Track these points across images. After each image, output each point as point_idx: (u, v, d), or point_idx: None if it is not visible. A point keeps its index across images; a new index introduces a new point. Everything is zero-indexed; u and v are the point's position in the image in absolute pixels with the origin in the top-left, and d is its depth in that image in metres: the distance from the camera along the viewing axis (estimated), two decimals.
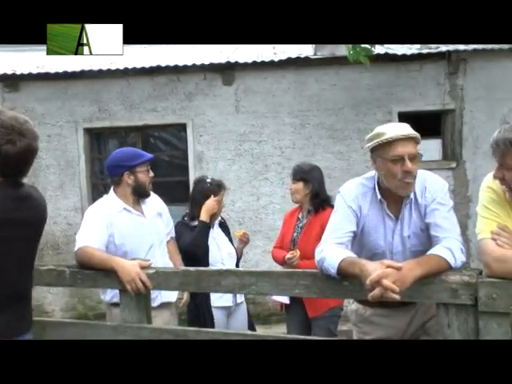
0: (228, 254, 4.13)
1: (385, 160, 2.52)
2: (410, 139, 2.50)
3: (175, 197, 7.87)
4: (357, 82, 7.49)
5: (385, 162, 2.52)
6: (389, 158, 2.49)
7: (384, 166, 2.54)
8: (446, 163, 7.59)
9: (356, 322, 2.96)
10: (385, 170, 2.54)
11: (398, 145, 2.47)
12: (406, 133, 2.49)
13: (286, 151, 7.61)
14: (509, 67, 7.38)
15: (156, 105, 7.70)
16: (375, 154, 2.58)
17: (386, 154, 2.51)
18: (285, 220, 4.46)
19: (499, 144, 2.10)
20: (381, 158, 2.54)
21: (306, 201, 4.23)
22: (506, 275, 2.11)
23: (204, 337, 2.64)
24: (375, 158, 2.59)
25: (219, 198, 4.10)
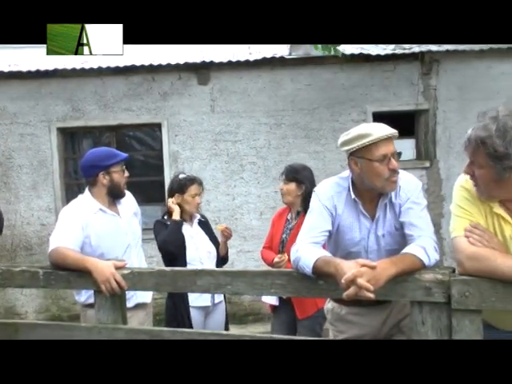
0: (207, 252, 4.08)
1: (370, 161, 2.51)
2: (390, 138, 2.53)
3: (150, 197, 7.85)
4: (331, 82, 7.53)
5: (370, 163, 2.51)
6: (375, 158, 2.49)
7: (369, 167, 2.53)
8: (419, 163, 7.67)
9: (332, 320, 2.97)
10: (371, 170, 2.53)
11: (382, 144, 2.49)
12: (389, 132, 2.51)
13: (261, 151, 7.62)
14: (480, 68, 7.49)
15: (131, 104, 7.66)
16: (357, 157, 2.56)
17: (371, 155, 2.50)
18: (273, 221, 4.41)
19: (471, 141, 2.14)
20: (365, 160, 2.53)
21: (296, 202, 4.17)
22: (478, 273, 2.13)
23: (179, 337, 2.63)
24: (356, 161, 2.57)
25: (191, 193, 4.06)
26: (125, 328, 2.77)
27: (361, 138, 2.50)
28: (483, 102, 7.20)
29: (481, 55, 7.40)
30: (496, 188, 2.16)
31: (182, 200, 4.07)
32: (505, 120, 2.07)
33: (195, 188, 4.09)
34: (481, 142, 2.09)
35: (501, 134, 2.05)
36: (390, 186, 2.56)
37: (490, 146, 2.06)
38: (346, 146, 2.57)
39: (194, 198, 4.09)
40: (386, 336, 2.82)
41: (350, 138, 2.54)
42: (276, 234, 4.28)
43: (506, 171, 2.07)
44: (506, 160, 2.05)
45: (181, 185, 4.08)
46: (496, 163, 2.07)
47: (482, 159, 2.11)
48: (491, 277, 2.11)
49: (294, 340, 2.65)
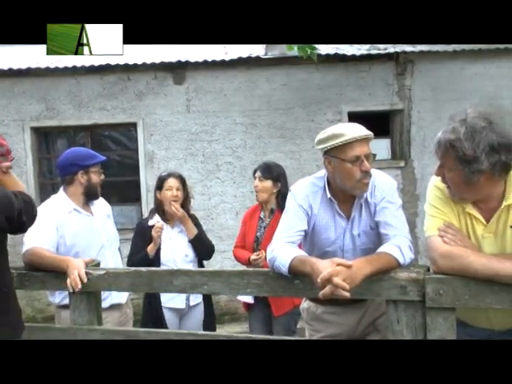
0: (184, 255, 4.01)
1: (342, 161, 2.52)
2: (365, 139, 2.53)
3: (126, 197, 7.81)
4: (307, 81, 7.56)
5: (342, 163, 2.52)
6: (347, 159, 2.50)
7: (342, 167, 2.54)
8: (394, 162, 7.73)
9: (308, 319, 2.98)
10: (342, 170, 2.54)
11: (356, 145, 2.49)
12: (364, 133, 2.51)
13: (237, 150, 7.62)
14: (453, 69, 7.58)
15: (106, 104, 7.60)
16: (330, 156, 2.57)
17: (344, 155, 2.51)
18: (245, 219, 4.39)
19: (441, 144, 2.16)
20: (338, 160, 2.53)
21: (271, 199, 4.19)
22: (452, 271, 2.16)
23: (155, 337, 2.62)
24: (330, 160, 2.58)
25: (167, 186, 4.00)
26: (100, 329, 2.76)
27: (335, 138, 2.51)
28: (457, 102, 7.30)
29: (454, 56, 7.49)
30: (466, 190, 2.18)
31: (160, 197, 4.03)
32: (473, 122, 2.09)
33: (171, 181, 4.01)
34: (450, 145, 2.10)
35: (469, 137, 2.06)
36: (360, 187, 2.57)
37: (458, 149, 2.08)
38: (321, 145, 2.58)
39: (169, 191, 4.00)
40: (361, 335, 2.84)
41: (325, 137, 2.55)
42: (249, 233, 4.27)
43: (475, 174, 2.09)
44: (474, 163, 2.06)
45: (159, 181, 4.06)
46: (464, 166, 2.09)
47: (451, 162, 2.14)
48: (464, 275, 2.14)
49: (270, 340, 2.65)
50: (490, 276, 2.09)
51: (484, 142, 2.05)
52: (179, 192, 4.01)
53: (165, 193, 4.00)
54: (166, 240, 3.95)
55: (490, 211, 2.23)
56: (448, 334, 2.18)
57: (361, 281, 2.20)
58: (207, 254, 4.15)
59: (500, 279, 2.08)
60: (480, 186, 2.14)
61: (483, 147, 2.05)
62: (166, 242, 3.96)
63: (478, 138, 2.05)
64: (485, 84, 7.57)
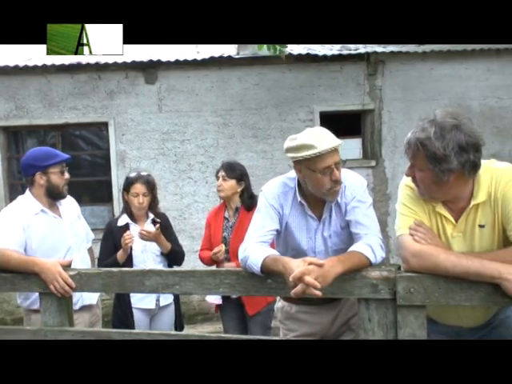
0: (155, 256, 4.00)
1: (313, 171, 2.52)
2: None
3: (97, 197, 7.75)
4: (279, 81, 7.58)
5: (313, 174, 2.52)
6: (318, 170, 2.49)
7: (312, 177, 2.54)
8: (365, 162, 7.80)
9: (282, 319, 2.98)
10: (312, 180, 2.54)
11: (327, 156, 2.48)
12: (335, 144, 2.50)
13: (209, 150, 7.61)
14: (423, 70, 7.68)
15: (76, 103, 7.52)
16: (300, 165, 2.56)
17: (314, 166, 2.50)
18: (209, 221, 4.35)
19: (411, 144, 2.17)
20: (308, 170, 2.53)
21: (234, 199, 4.19)
22: (423, 269, 2.19)
23: (128, 338, 2.61)
24: (300, 168, 2.57)
25: (133, 192, 3.95)
26: (71, 330, 2.73)
27: (305, 149, 2.48)
28: (426, 102, 7.41)
29: (423, 57, 7.59)
30: (436, 190, 2.21)
31: (127, 199, 4.01)
32: (443, 122, 2.12)
33: (138, 187, 3.95)
34: (420, 144, 2.12)
35: (439, 136, 2.09)
36: (331, 195, 2.59)
37: (428, 147, 2.10)
38: (291, 154, 2.56)
39: (135, 197, 3.95)
40: (335, 334, 2.86)
41: (295, 147, 2.52)
42: (215, 234, 4.23)
43: (445, 174, 2.12)
44: (444, 163, 2.09)
45: (127, 182, 4.01)
46: (435, 166, 2.11)
47: (421, 162, 2.16)
48: (435, 273, 2.17)
49: (243, 340, 2.65)
50: (459, 274, 2.12)
51: (453, 141, 2.08)
52: (145, 198, 3.97)
53: (131, 198, 3.97)
54: (136, 240, 3.92)
55: (459, 211, 2.27)
56: (419, 331, 2.21)
57: (332, 280, 2.22)
58: (180, 262, 4.18)
59: (469, 277, 2.11)
60: (450, 185, 2.17)
61: (452, 146, 2.07)
62: (137, 242, 3.93)
63: (448, 138, 2.08)
64: (453, 85, 7.69)
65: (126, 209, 4.05)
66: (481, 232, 2.24)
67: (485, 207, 2.22)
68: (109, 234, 4.00)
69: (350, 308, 2.85)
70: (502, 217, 2.19)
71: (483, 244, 2.25)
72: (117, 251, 3.85)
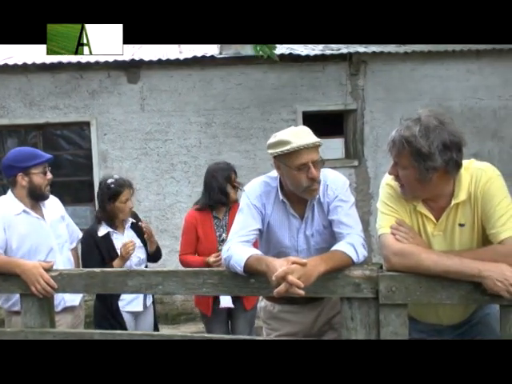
0: (138, 259, 3.98)
1: (289, 168, 2.52)
2: (314, 146, 2.52)
3: (79, 197, 7.70)
4: (262, 81, 7.59)
5: (289, 170, 2.53)
6: (293, 166, 2.50)
7: (289, 174, 2.55)
8: (348, 161, 7.84)
9: (265, 318, 2.98)
10: (289, 177, 2.55)
11: (304, 153, 2.48)
12: (311, 141, 2.50)
13: (192, 150, 7.59)
14: (404, 70, 7.74)
15: (58, 102, 7.46)
16: (279, 161, 2.57)
17: (290, 163, 2.51)
18: (193, 224, 4.20)
19: (396, 142, 2.19)
20: (285, 166, 2.54)
21: None
22: (404, 268, 2.21)
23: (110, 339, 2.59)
24: (278, 164, 2.58)
25: (123, 199, 3.90)
26: (53, 332, 2.71)
27: (282, 145, 2.50)
28: (408, 102, 7.46)
29: (405, 57, 7.65)
30: (419, 188, 2.23)
31: (113, 208, 3.91)
32: (427, 121, 2.15)
33: (126, 193, 3.93)
34: (405, 141, 2.14)
35: (424, 134, 2.11)
36: (308, 194, 2.59)
37: (413, 145, 2.12)
38: (269, 150, 2.59)
39: (125, 203, 3.93)
40: (318, 333, 2.87)
41: (274, 143, 2.55)
42: (207, 235, 4.16)
43: (429, 172, 2.14)
44: (429, 161, 2.12)
45: (111, 193, 3.90)
46: (419, 163, 2.14)
47: (406, 160, 2.18)
48: (416, 271, 2.19)
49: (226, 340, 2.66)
50: (440, 272, 2.15)
51: (437, 139, 2.11)
52: (131, 202, 4.00)
53: (120, 206, 3.90)
54: (120, 247, 3.89)
55: (440, 210, 2.29)
56: (400, 329, 2.23)
57: (315, 279, 2.23)
58: (159, 259, 4.21)
59: (450, 275, 2.14)
60: (433, 184, 2.19)
61: (437, 145, 2.10)
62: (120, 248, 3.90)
63: (432, 136, 2.11)
64: (434, 85, 7.76)
65: (107, 218, 3.96)
66: (461, 231, 2.27)
67: (465, 206, 2.25)
68: (93, 247, 3.88)
69: (332, 307, 2.86)
70: (482, 216, 2.23)
71: (463, 243, 2.28)
72: (104, 263, 3.81)
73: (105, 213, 3.95)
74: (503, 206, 2.17)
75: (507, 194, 2.21)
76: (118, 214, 3.94)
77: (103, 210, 3.96)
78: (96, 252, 3.86)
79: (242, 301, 4.13)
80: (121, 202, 3.91)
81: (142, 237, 4.05)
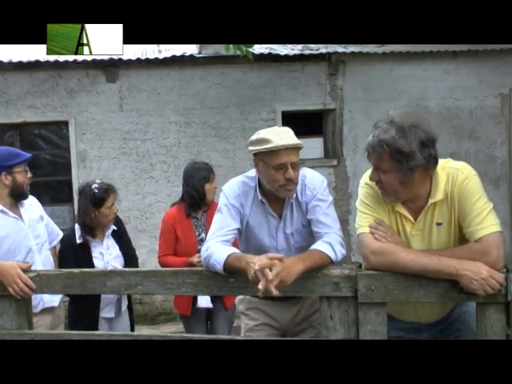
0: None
1: (268, 166, 2.55)
2: (293, 147, 2.54)
3: (57, 197, 7.64)
4: (241, 81, 7.59)
5: (268, 168, 2.55)
6: (272, 165, 2.52)
7: (266, 172, 2.57)
8: (327, 161, 7.87)
9: (244, 309, 2.98)
10: (267, 175, 2.58)
11: (282, 153, 2.50)
12: (291, 142, 2.52)
13: (171, 149, 7.57)
14: (383, 71, 7.80)
15: (35, 101, 7.39)
16: (258, 158, 2.60)
17: (269, 161, 2.53)
18: (172, 224, 4.17)
19: (374, 147, 2.19)
20: (264, 164, 2.57)
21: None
22: (383, 267, 2.23)
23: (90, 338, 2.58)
24: (257, 162, 2.61)
25: (108, 205, 3.77)
26: (30, 333, 2.68)
27: (262, 143, 2.53)
28: (386, 102, 7.51)
29: (383, 58, 7.70)
30: (402, 190, 2.25)
31: (98, 215, 3.76)
32: (401, 122, 2.16)
33: (111, 199, 3.81)
34: (385, 144, 2.15)
35: (401, 136, 2.13)
36: (283, 192, 2.60)
37: (394, 147, 2.14)
38: (250, 147, 2.62)
39: (110, 208, 3.80)
40: (297, 330, 2.89)
41: (255, 140, 2.58)
42: (187, 235, 4.13)
43: (413, 171, 2.17)
44: (411, 160, 2.14)
45: (96, 200, 3.75)
46: (402, 164, 2.15)
47: (387, 163, 2.19)
48: (395, 270, 2.21)
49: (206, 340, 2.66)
50: (418, 271, 2.17)
51: (415, 138, 2.13)
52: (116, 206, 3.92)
53: (105, 211, 3.76)
54: (98, 256, 3.83)
55: (418, 210, 2.32)
56: (379, 327, 2.25)
57: (295, 277, 2.24)
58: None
59: (427, 274, 2.17)
60: (414, 183, 2.22)
61: (416, 143, 2.13)
62: (99, 257, 3.83)
63: (410, 135, 2.13)
64: (412, 85, 7.83)
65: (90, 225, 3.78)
66: (438, 230, 2.30)
67: (442, 206, 2.28)
68: (71, 254, 3.76)
69: (311, 305, 2.88)
70: (459, 215, 2.25)
71: (440, 241, 2.30)
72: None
73: (88, 220, 3.77)
74: (479, 205, 2.20)
75: (483, 193, 2.25)
76: (102, 220, 3.80)
77: (86, 217, 3.77)
78: (72, 258, 3.74)
79: (223, 300, 4.12)
80: (106, 208, 3.77)
81: (120, 245, 3.94)
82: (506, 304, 2.15)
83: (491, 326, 2.17)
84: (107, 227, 3.88)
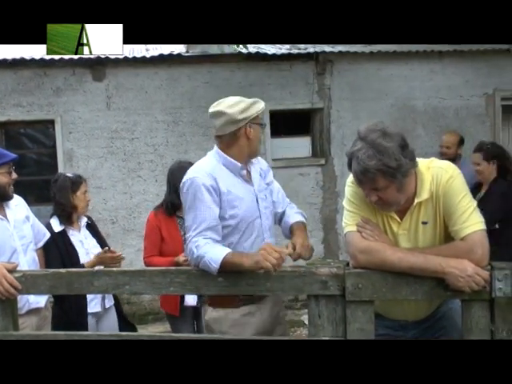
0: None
1: (260, 126, 2.80)
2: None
3: (43, 196, 7.55)
4: (229, 80, 7.58)
5: (259, 128, 2.80)
6: (261, 123, 2.83)
7: (257, 135, 2.79)
8: (315, 160, 7.88)
9: (226, 329, 2.82)
10: (257, 138, 2.80)
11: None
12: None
13: (159, 148, 7.55)
14: (370, 70, 7.82)
15: (21, 100, 7.32)
16: (253, 123, 2.77)
17: (260, 121, 2.82)
18: (156, 224, 4.19)
19: (365, 174, 2.19)
20: (257, 126, 2.78)
21: None
22: (370, 265, 2.25)
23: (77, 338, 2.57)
24: (252, 127, 2.76)
25: (82, 190, 3.98)
26: (16, 334, 2.66)
27: (256, 104, 2.76)
28: (374, 101, 7.55)
29: (370, 57, 7.73)
30: (402, 196, 2.28)
31: (75, 199, 3.94)
32: (374, 139, 2.17)
33: (84, 185, 4.03)
34: (374, 169, 2.16)
35: (384, 154, 2.15)
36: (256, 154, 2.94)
37: (382, 167, 2.15)
38: (245, 114, 2.73)
39: (84, 195, 3.99)
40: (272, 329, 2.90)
41: (248, 106, 2.73)
42: (172, 235, 4.14)
43: (404, 177, 2.20)
44: (401, 168, 2.17)
45: (74, 183, 3.97)
46: (396, 177, 2.18)
47: (383, 182, 2.20)
48: (382, 268, 2.24)
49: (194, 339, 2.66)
50: (405, 269, 2.19)
51: (393, 147, 2.16)
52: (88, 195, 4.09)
53: (80, 197, 3.96)
54: (78, 244, 3.87)
55: (404, 209, 2.34)
56: (367, 325, 2.27)
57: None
58: None
59: (414, 272, 2.19)
60: (407, 185, 2.26)
61: (397, 152, 2.16)
62: (79, 246, 3.88)
63: (388, 147, 2.15)
64: (399, 85, 7.87)
65: (68, 210, 3.94)
66: (424, 229, 2.32)
67: (427, 205, 2.30)
68: (51, 242, 3.84)
69: (276, 303, 2.95)
70: (444, 214, 2.28)
71: (426, 240, 2.33)
72: (63, 259, 3.77)
73: (65, 205, 3.92)
74: (464, 203, 2.23)
75: (468, 191, 2.28)
76: (77, 205, 3.94)
77: (63, 201, 3.93)
78: (53, 247, 3.83)
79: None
80: (81, 193, 3.95)
81: (97, 237, 4.09)
82: (490, 301, 2.19)
83: (476, 322, 2.20)
84: (81, 217, 4.03)
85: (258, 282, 2.39)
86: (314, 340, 2.29)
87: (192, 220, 2.66)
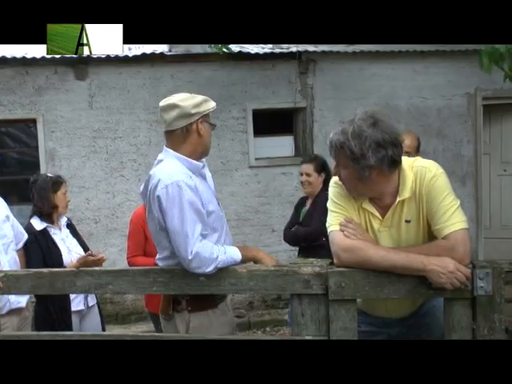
0: (78, 255, 3.91)
1: (210, 125, 2.81)
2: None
3: (26, 196, 7.47)
4: (212, 79, 7.57)
5: (209, 127, 2.82)
6: (211, 122, 2.82)
7: (208, 133, 2.82)
8: (297, 159, 7.85)
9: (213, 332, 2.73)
10: (207, 136, 2.82)
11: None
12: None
13: (141, 148, 7.52)
14: (353, 70, 7.86)
15: (2, 99, 7.25)
16: (204, 120, 2.79)
17: (209, 119, 2.81)
18: (141, 224, 4.03)
19: (333, 145, 2.28)
20: (208, 125, 2.80)
21: None
22: (353, 264, 2.27)
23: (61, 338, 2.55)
24: (201, 126, 2.77)
25: (63, 191, 4.04)
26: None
27: (209, 102, 2.79)
28: (357, 101, 7.57)
29: (353, 57, 7.77)
30: (361, 186, 2.30)
31: (55, 198, 3.96)
32: (360, 123, 2.21)
33: (64, 185, 4.08)
34: (339, 145, 2.23)
35: (356, 136, 2.18)
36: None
37: (347, 148, 2.20)
38: (198, 109, 2.76)
39: (64, 195, 4.03)
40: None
41: (201, 101, 2.77)
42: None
43: (365, 170, 2.21)
44: (362, 160, 2.18)
45: (54, 183, 4.01)
46: (355, 164, 2.21)
47: (344, 161, 2.26)
48: (365, 267, 2.25)
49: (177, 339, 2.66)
50: (387, 267, 2.21)
51: (370, 139, 2.17)
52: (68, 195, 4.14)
53: (61, 197, 4.01)
54: (60, 243, 3.87)
55: (386, 207, 2.36)
56: (350, 324, 2.28)
57: None
58: None
59: (397, 270, 2.21)
60: (373, 181, 2.26)
61: (369, 144, 2.17)
62: (61, 244, 3.88)
63: (364, 136, 2.18)
64: (382, 84, 7.91)
65: (48, 210, 3.96)
66: (407, 227, 2.34)
67: (410, 203, 2.32)
68: (33, 240, 3.85)
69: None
70: (427, 212, 2.30)
71: (409, 238, 2.35)
72: (44, 258, 3.75)
73: (46, 204, 3.96)
74: (446, 202, 2.25)
75: (451, 190, 2.29)
76: (58, 205, 3.98)
77: (44, 201, 3.97)
78: (35, 245, 3.83)
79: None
80: (62, 193, 3.99)
81: (77, 236, 4.15)
82: (471, 299, 2.21)
83: (458, 320, 2.23)
84: (62, 216, 4.07)
85: (241, 281, 2.40)
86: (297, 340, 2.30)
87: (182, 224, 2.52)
